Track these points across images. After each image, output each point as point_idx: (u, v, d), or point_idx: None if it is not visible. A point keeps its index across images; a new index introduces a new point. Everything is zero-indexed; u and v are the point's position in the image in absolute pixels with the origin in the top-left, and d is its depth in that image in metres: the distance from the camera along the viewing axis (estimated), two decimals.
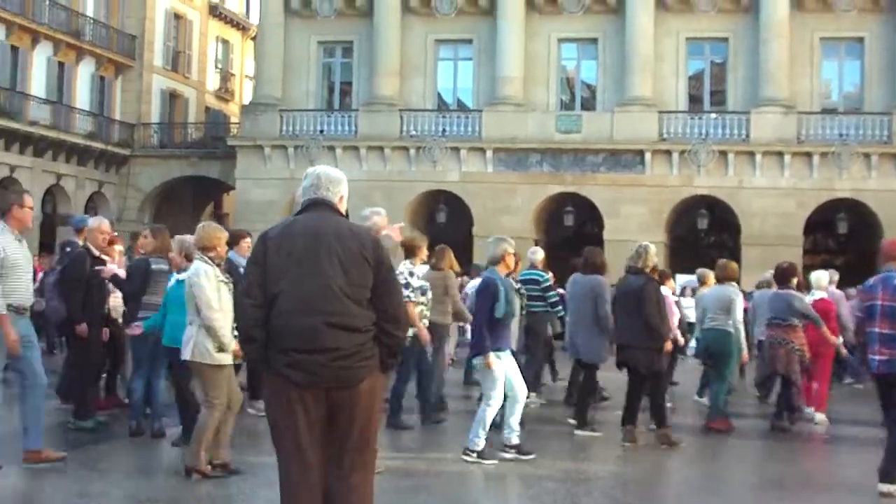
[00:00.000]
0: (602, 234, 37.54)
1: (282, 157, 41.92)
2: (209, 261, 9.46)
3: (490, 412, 10.91)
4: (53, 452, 9.78)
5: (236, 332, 7.26)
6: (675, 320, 15.83)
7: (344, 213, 6.02)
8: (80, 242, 13.18)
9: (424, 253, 13.34)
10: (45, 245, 36.08)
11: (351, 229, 5.85)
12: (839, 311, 15.74)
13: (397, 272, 9.91)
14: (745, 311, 16.60)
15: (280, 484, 5.75)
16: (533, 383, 14.99)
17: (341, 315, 5.62)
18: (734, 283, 14.48)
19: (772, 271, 15.66)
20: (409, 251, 12.64)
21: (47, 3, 42.45)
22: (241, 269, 11.24)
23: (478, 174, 40.19)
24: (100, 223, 12.69)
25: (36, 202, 40.97)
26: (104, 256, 12.36)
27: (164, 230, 12.32)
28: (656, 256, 12.90)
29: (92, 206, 44.30)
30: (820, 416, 15.03)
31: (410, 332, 11.95)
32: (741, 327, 14.20)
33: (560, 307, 15.87)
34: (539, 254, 16.42)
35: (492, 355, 10.85)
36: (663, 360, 12.88)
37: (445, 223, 40.26)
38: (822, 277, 15.61)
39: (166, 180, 47.14)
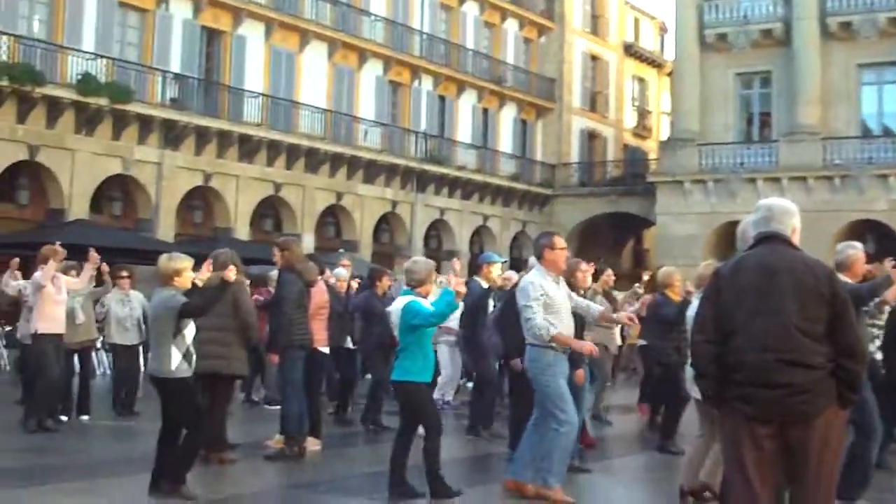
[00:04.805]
0: None
1: (701, 191, 41.76)
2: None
3: None
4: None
5: None
6: None
7: (797, 245, 5.93)
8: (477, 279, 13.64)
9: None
10: None
11: (805, 262, 5.74)
12: None
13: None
14: None
15: None
16: None
17: (796, 352, 5.54)
18: None
19: None
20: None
21: (471, 52, 44.63)
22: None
23: None
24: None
25: (464, 243, 43.38)
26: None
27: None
28: None
29: (516, 245, 46.15)
30: None
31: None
32: None
33: None
34: None
35: None
36: None
37: (874, 254, 38.56)
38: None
39: (587, 217, 48.08)
